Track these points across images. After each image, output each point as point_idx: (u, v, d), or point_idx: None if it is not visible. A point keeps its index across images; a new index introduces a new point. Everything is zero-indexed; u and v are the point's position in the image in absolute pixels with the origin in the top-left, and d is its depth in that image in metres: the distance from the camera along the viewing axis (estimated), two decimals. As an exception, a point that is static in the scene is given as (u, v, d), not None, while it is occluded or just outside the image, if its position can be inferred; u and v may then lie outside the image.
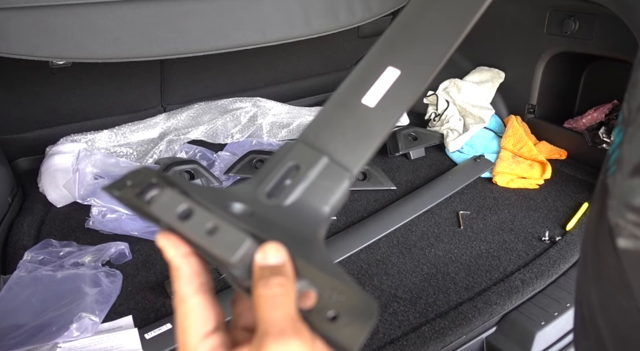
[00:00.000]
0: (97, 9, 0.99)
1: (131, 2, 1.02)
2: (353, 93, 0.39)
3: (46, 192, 1.35)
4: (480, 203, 1.38)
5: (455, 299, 1.04)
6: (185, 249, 0.31)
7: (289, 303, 0.29)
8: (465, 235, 1.25)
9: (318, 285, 0.30)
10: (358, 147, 0.38)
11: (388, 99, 0.39)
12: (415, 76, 0.39)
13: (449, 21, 0.40)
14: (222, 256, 0.29)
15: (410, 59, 0.40)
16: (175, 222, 0.30)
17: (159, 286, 1.08)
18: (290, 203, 0.35)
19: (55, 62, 1.19)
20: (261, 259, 0.30)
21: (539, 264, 1.12)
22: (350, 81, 0.41)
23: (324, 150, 0.38)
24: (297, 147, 0.38)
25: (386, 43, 0.41)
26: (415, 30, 0.41)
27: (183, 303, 0.31)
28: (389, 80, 0.39)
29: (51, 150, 1.43)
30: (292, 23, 1.21)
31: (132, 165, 1.46)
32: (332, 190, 0.36)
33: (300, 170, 0.37)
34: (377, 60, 0.40)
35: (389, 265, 1.15)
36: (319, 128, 0.39)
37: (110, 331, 0.96)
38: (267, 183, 0.36)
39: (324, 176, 0.37)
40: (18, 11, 0.93)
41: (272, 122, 1.72)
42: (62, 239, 1.17)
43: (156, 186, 0.33)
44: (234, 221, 0.31)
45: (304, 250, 0.32)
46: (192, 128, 1.61)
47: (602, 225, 0.41)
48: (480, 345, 1.01)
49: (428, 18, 0.41)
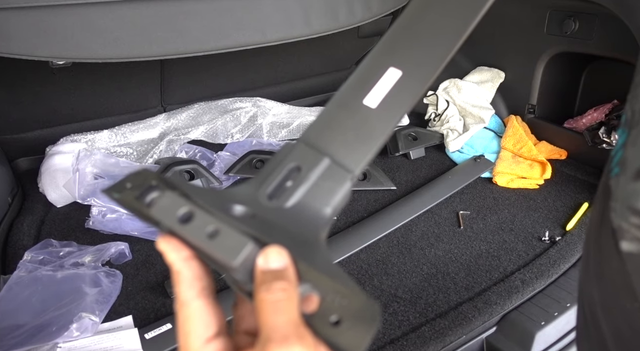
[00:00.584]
0: (97, 9, 1.00)
1: (131, 2, 1.02)
2: (354, 94, 0.39)
3: (46, 192, 1.35)
4: (480, 203, 1.38)
5: (455, 299, 1.04)
6: (186, 253, 0.31)
7: (291, 308, 0.28)
8: (465, 235, 1.25)
9: (321, 288, 0.29)
10: (359, 147, 0.37)
11: (389, 100, 0.39)
12: (417, 77, 0.39)
13: (450, 22, 0.40)
14: (224, 260, 0.29)
15: (412, 60, 0.40)
16: (176, 225, 0.30)
17: (159, 286, 1.08)
18: (291, 205, 0.35)
19: (55, 62, 1.19)
20: (263, 263, 0.30)
21: (539, 264, 1.12)
22: (352, 82, 0.41)
23: (326, 151, 0.37)
24: (298, 148, 0.38)
25: (387, 43, 0.41)
26: (417, 31, 0.41)
27: (184, 308, 0.31)
28: (391, 81, 0.39)
29: (51, 150, 1.43)
30: (292, 23, 1.21)
31: (132, 165, 1.46)
32: (334, 191, 0.36)
33: (301, 171, 0.36)
34: (378, 61, 0.40)
35: (389, 265, 1.15)
36: (320, 129, 0.39)
37: (110, 331, 0.96)
38: (268, 185, 0.36)
39: (326, 177, 0.36)
40: (18, 11, 0.93)
41: (272, 122, 1.72)
42: (62, 239, 1.17)
43: (156, 188, 0.33)
44: (236, 224, 0.31)
45: (306, 253, 0.31)
46: (192, 128, 1.61)
47: (605, 227, 0.41)
48: (480, 345, 1.01)
49: (429, 19, 0.41)
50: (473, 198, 1.40)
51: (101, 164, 1.41)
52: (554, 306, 1.01)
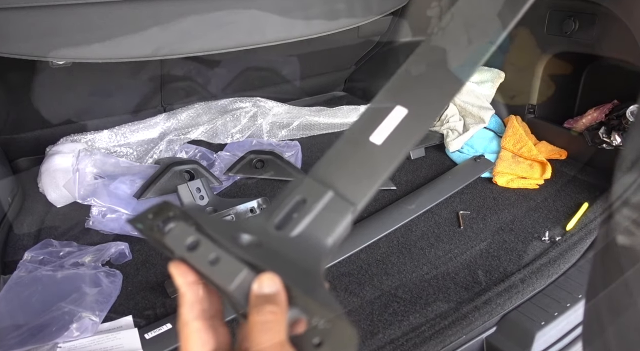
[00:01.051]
0: (97, 9, 1.00)
1: (131, 2, 1.02)
2: (362, 130, 0.42)
3: (46, 192, 1.35)
4: (480, 203, 1.38)
5: (455, 299, 1.04)
6: (192, 278, 0.35)
7: (279, 329, 0.32)
8: (465, 235, 1.25)
9: (309, 313, 0.32)
10: (362, 181, 0.40)
11: (394, 137, 0.41)
12: (422, 115, 0.42)
13: (457, 63, 0.43)
14: (222, 284, 0.33)
15: (418, 99, 0.42)
16: (185, 252, 0.34)
17: (159, 286, 1.08)
18: (296, 235, 0.38)
19: (55, 62, 1.19)
20: (257, 288, 0.33)
21: (539, 264, 1.12)
22: (361, 119, 0.43)
23: (330, 184, 0.40)
24: (305, 182, 0.40)
25: (396, 82, 0.44)
26: (425, 71, 0.43)
27: (185, 327, 0.35)
28: (396, 119, 0.41)
29: (51, 150, 1.43)
30: (292, 23, 1.21)
31: (132, 165, 1.46)
32: (336, 222, 0.39)
33: (306, 203, 0.39)
34: (386, 99, 0.43)
35: (389, 265, 1.15)
36: (328, 164, 0.41)
37: (110, 331, 0.96)
38: (276, 216, 0.39)
39: (329, 209, 0.39)
40: (18, 11, 0.94)
41: (272, 122, 1.72)
42: (62, 239, 1.17)
43: (173, 219, 0.36)
44: (237, 252, 0.34)
45: (302, 280, 0.34)
46: (192, 128, 1.61)
47: (610, 222, 0.42)
48: (480, 345, 1.01)
49: (437, 60, 0.43)
50: (473, 198, 1.40)
51: (101, 164, 1.41)
52: (554, 306, 1.01)
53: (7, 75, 1.29)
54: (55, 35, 0.98)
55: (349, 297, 1.05)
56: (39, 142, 1.48)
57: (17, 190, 1.39)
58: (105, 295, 1.01)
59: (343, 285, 1.08)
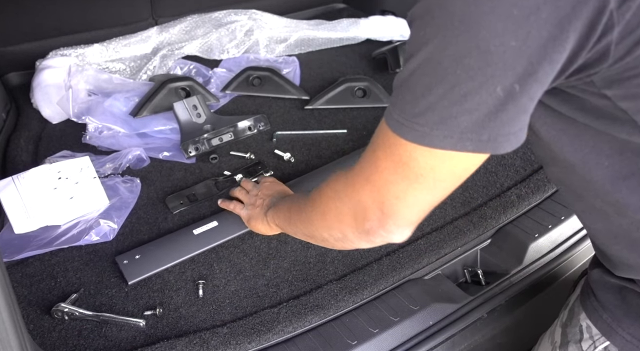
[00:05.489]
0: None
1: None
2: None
3: (40, 108, 1.32)
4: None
5: (451, 214, 1.06)
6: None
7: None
8: (464, 152, 1.24)
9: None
10: None
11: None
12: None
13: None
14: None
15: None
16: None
17: (161, 203, 1.09)
18: None
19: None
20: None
21: (535, 179, 1.12)
22: None
23: None
24: None
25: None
26: None
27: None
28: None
29: (41, 64, 1.38)
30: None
31: (125, 81, 1.42)
32: None
33: None
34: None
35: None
36: None
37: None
38: None
39: None
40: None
41: (269, 36, 1.65)
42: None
43: None
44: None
45: None
46: (186, 42, 1.55)
47: None
48: (474, 256, 1.04)
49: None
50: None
51: (94, 80, 1.37)
52: (548, 219, 1.03)
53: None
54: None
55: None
56: (27, 56, 1.43)
57: (10, 106, 1.36)
58: (124, 201, 1.06)
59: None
